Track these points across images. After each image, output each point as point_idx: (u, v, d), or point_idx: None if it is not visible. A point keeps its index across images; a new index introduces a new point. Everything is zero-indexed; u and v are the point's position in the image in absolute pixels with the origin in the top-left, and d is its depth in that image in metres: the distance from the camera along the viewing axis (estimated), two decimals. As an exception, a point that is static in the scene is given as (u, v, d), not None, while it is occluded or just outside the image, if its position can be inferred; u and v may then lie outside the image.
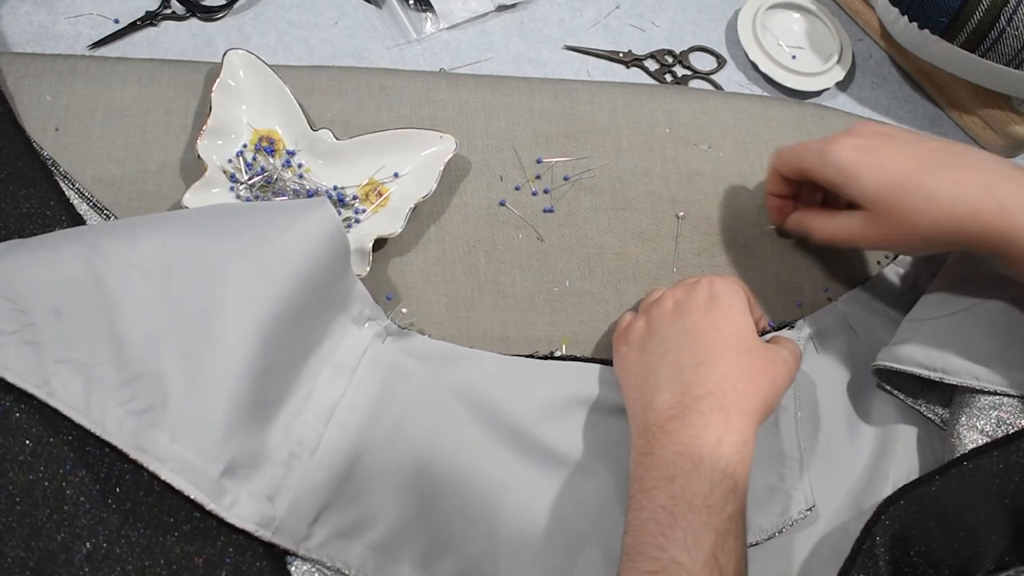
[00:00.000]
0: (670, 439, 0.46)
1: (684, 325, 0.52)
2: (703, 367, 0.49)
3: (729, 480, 0.45)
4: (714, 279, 0.54)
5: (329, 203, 0.52)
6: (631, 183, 0.67)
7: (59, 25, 0.67)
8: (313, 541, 0.50)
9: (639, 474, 0.47)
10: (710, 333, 0.51)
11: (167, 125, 0.62)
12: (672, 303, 0.54)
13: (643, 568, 0.42)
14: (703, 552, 0.42)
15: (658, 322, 0.53)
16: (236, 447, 0.47)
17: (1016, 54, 0.68)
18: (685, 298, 0.53)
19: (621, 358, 0.55)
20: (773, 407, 0.51)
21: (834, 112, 0.73)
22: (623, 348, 0.55)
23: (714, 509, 0.43)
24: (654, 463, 0.46)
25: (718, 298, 0.52)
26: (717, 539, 0.43)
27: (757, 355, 0.50)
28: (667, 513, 0.43)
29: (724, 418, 0.47)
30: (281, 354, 0.49)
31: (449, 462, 0.52)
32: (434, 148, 0.61)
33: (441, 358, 0.56)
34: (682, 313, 0.52)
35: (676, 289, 0.55)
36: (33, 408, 0.46)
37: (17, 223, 0.55)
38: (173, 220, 0.50)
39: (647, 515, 0.44)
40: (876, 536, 0.46)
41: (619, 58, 0.76)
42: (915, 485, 0.48)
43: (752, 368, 0.50)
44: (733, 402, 0.48)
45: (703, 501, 0.44)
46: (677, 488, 0.44)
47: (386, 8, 0.74)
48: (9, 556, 0.43)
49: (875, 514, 0.48)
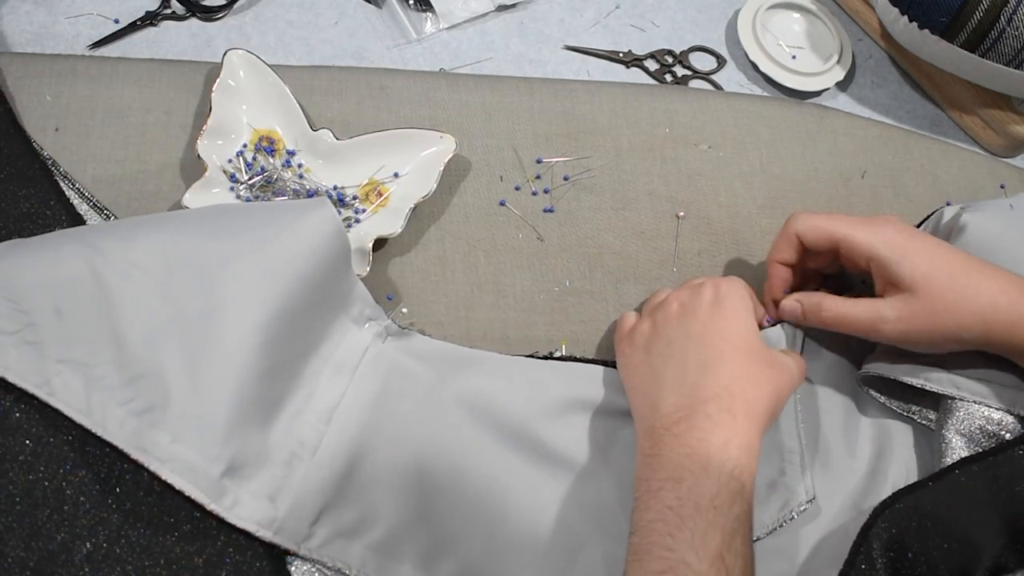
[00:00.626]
0: (677, 441, 0.46)
1: (689, 328, 0.51)
2: (710, 370, 0.49)
3: (736, 482, 0.45)
4: (719, 281, 0.54)
5: (329, 203, 0.52)
6: (631, 183, 0.67)
7: (59, 25, 0.67)
8: (314, 541, 0.50)
9: (645, 475, 0.47)
10: (716, 336, 0.51)
11: (167, 125, 0.62)
12: (677, 305, 0.53)
13: (650, 568, 0.42)
14: (710, 552, 0.42)
15: (663, 325, 0.53)
16: (237, 447, 0.47)
17: (1016, 54, 0.68)
18: (690, 300, 0.53)
19: (625, 359, 0.54)
20: (777, 413, 0.51)
21: (834, 112, 0.73)
22: (627, 350, 0.55)
23: (721, 510, 0.43)
24: (661, 464, 0.46)
25: (723, 301, 0.52)
26: (724, 539, 0.43)
27: (762, 359, 0.51)
28: (674, 514, 0.43)
29: (731, 421, 0.47)
30: (282, 354, 0.49)
31: (449, 462, 0.51)
32: (434, 148, 0.61)
33: (442, 358, 0.56)
34: (687, 316, 0.52)
35: (681, 291, 0.55)
36: (33, 408, 0.46)
37: (17, 223, 0.54)
38: (173, 220, 0.50)
39: (654, 515, 0.44)
40: (872, 540, 0.47)
41: (619, 58, 0.76)
42: (910, 489, 0.49)
43: (758, 373, 0.50)
44: (740, 406, 0.48)
45: (710, 502, 0.44)
46: (684, 489, 0.44)
47: (386, 8, 0.74)
48: (9, 556, 0.43)
49: (871, 517, 0.48)
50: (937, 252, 0.50)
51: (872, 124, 0.73)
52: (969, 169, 0.73)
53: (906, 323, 0.50)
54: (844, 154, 0.71)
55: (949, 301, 0.49)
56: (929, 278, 0.49)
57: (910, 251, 0.50)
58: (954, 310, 0.49)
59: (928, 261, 0.49)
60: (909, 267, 0.50)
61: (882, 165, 0.71)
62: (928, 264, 0.49)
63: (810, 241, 0.54)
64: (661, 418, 0.48)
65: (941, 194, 0.71)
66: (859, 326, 0.53)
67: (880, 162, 0.71)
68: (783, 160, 0.70)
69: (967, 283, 0.49)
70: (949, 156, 0.73)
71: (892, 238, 0.51)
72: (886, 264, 0.50)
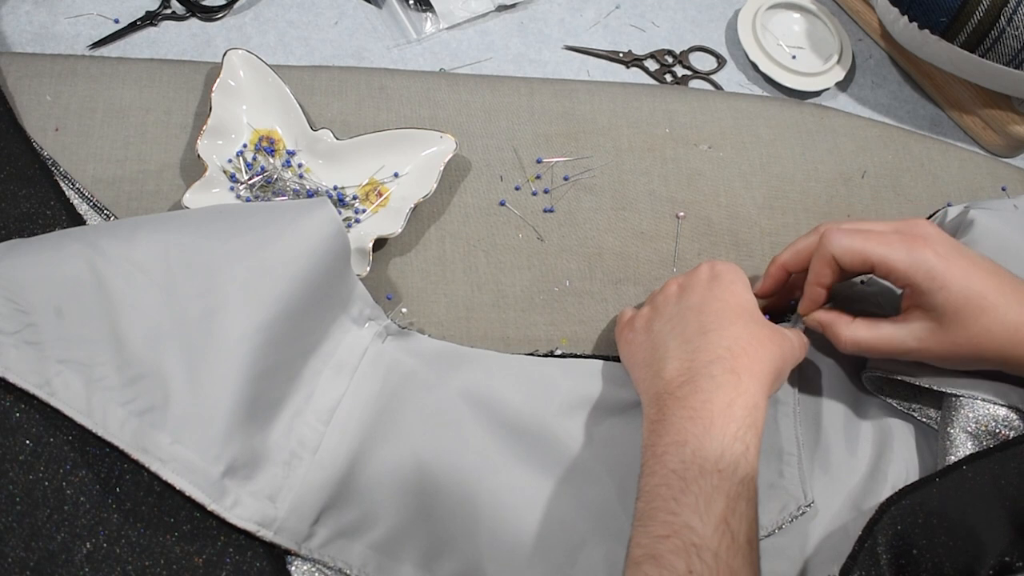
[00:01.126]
0: (680, 404, 0.47)
1: (689, 301, 0.52)
2: (712, 333, 0.49)
3: (740, 444, 0.45)
4: (715, 262, 0.55)
5: (330, 203, 0.52)
6: (631, 183, 0.67)
7: (59, 25, 0.67)
8: (314, 541, 0.50)
9: (651, 441, 0.47)
10: (716, 304, 0.51)
11: (167, 125, 0.62)
12: (676, 287, 0.55)
13: (654, 533, 0.42)
14: (714, 516, 0.42)
15: (663, 305, 0.54)
16: (237, 448, 0.47)
17: (1016, 54, 0.68)
18: (687, 280, 0.54)
19: (627, 344, 0.55)
20: (782, 377, 0.51)
21: (834, 112, 0.73)
22: (628, 335, 0.55)
23: (725, 473, 0.43)
24: (665, 429, 0.46)
25: (721, 276, 0.53)
26: (728, 503, 0.43)
27: (764, 324, 0.51)
28: (678, 478, 0.44)
29: (735, 381, 0.47)
30: (282, 354, 0.50)
31: (450, 461, 0.51)
32: (434, 148, 0.61)
33: (441, 357, 0.56)
34: (685, 292, 0.53)
35: (679, 276, 0.56)
36: (33, 408, 0.46)
37: (17, 223, 0.54)
38: (174, 220, 0.50)
39: (658, 480, 0.44)
40: (878, 535, 0.46)
41: (619, 58, 0.76)
42: (917, 486, 0.49)
43: (761, 333, 0.50)
44: (744, 365, 0.48)
45: (714, 465, 0.44)
46: (688, 452, 0.44)
47: (386, 8, 0.74)
48: (9, 556, 0.43)
49: (877, 513, 0.48)
50: (974, 278, 0.49)
51: (872, 124, 0.73)
52: (969, 169, 0.73)
53: (927, 351, 0.50)
54: (844, 154, 0.71)
55: (973, 334, 0.48)
56: (959, 311, 0.48)
57: (948, 281, 0.48)
58: (976, 342, 0.49)
59: (962, 292, 0.48)
60: (943, 298, 0.49)
61: (882, 165, 0.71)
62: (961, 295, 0.48)
63: (847, 264, 0.52)
64: (664, 384, 0.48)
65: (941, 194, 0.71)
66: (879, 349, 0.52)
67: (880, 162, 0.71)
68: (783, 160, 0.70)
69: (997, 312, 0.48)
70: (949, 156, 0.73)
71: (932, 265, 0.49)
72: (922, 292, 0.49)
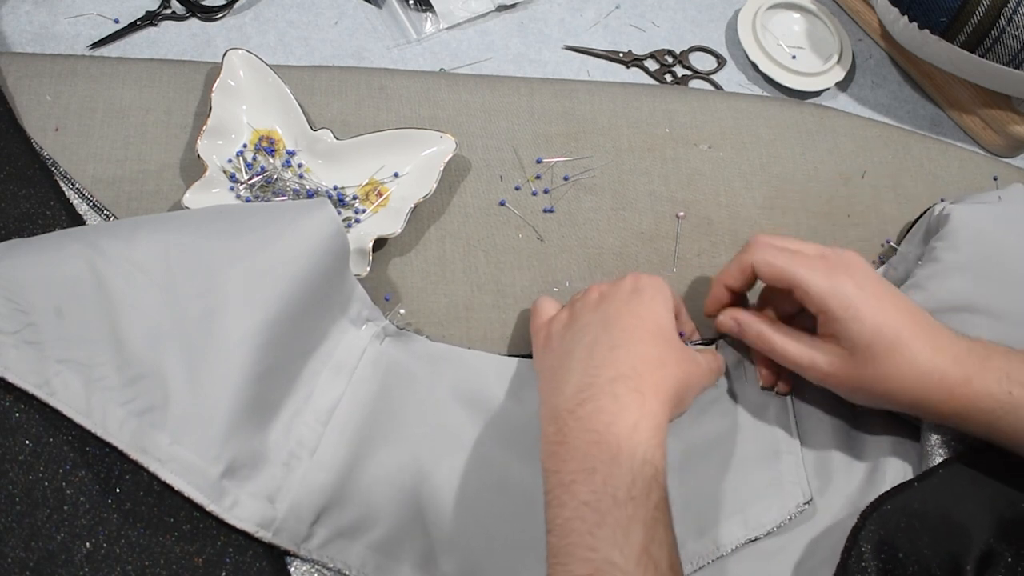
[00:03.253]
0: (583, 426, 0.45)
1: (605, 313, 0.51)
2: (620, 349, 0.48)
3: (650, 467, 0.43)
4: (640, 275, 0.53)
5: (329, 204, 0.52)
6: (631, 183, 0.67)
7: (59, 25, 0.67)
8: (313, 542, 0.50)
9: (554, 466, 0.45)
10: (629, 319, 0.50)
11: (167, 125, 0.62)
12: (597, 294, 0.53)
13: (575, 572, 0.41)
14: (635, 548, 0.41)
15: (580, 311, 0.52)
16: (236, 448, 0.47)
17: (1016, 54, 0.68)
18: (609, 290, 0.53)
19: (539, 347, 0.54)
20: (685, 403, 0.50)
21: (834, 112, 0.73)
22: (542, 340, 0.54)
23: (639, 500, 0.42)
24: (569, 454, 0.45)
25: (642, 291, 0.52)
26: (647, 532, 0.41)
27: (674, 346, 0.50)
28: (591, 510, 0.42)
29: (640, 401, 0.46)
30: (281, 355, 0.50)
31: (448, 462, 0.52)
32: (434, 148, 0.61)
33: (439, 358, 0.56)
34: (604, 302, 0.52)
35: (603, 284, 0.54)
36: (33, 408, 0.46)
37: (17, 223, 0.55)
38: (174, 220, 0.50)
39: (570, 512, 0.43)
40: (862, 543, 0.47)
41: (619, 58, 0.76)
42: (898, 490, 0.49)
43: (668, 356, 0.49)
44: (649, 385, 0.46)
45: (627, 493, 0.42)
46: (599, 481, 0.43)
47: (386, 8, 0.74)
48: (9, 556, 0.44)
49: (859, 520, 0.48)
50: (889, 316, 0.48)
51: (872, 124, 0.73)
52: (969, 169, 0.73)
53: (835, 378, 0.50)
54: (844, 154, 0.71)
55: (881, 371, 0.48)
56: (870, 346, 0.48)
57: (861, 313, 0.48)
58: (884, 381, 0.48)
59: (875, 326, 0.48)
60: (856, 330, 0.48)
61: (882, 165, 0.71)
62: (874, 329, 0.48)
63: (764, 276, 0.52)
64: (564, 400, 0.47)
65: (941, 194, 0.71)
66: (790, 363, 0.52)
67: (880, 162, 0.71)
68: (783, 160, 0.70)
69: (905, 353, 0.47)
70: (949, 156, 0.73)
71: (848, 296, 0.48)
72: (835, 320, 0.49)
